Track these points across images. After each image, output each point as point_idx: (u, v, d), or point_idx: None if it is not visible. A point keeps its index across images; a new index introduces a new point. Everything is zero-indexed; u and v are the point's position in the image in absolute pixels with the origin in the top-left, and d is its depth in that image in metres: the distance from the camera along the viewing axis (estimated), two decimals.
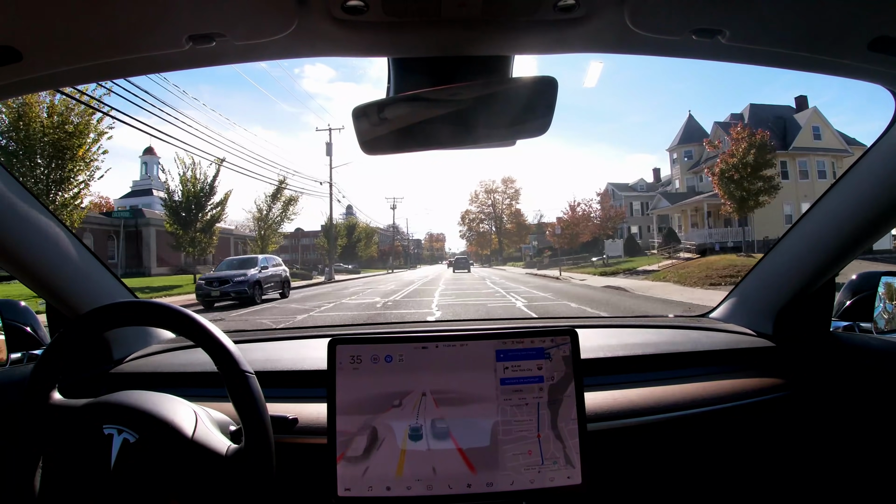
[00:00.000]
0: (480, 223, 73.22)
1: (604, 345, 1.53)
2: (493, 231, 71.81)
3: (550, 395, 1.11)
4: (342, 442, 1.07)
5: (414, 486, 1.07)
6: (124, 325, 1.08)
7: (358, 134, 0.99)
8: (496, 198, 71.41)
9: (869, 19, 0.82)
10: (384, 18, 0.82)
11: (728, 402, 1.36)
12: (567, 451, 1.09)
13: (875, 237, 1.34)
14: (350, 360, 1.10)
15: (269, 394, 1.04)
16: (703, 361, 1.53)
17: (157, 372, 1.47)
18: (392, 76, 1.01)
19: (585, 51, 0.99)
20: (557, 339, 1.13)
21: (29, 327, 1.55)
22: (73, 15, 0.78)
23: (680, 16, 0.83)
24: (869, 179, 1.25)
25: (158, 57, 0.91)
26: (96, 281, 1.51)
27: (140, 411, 0.99)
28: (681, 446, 1.37)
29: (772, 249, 1.64)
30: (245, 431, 0.98)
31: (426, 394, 1.10)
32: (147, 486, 0.93)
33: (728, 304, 1.82)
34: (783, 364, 1.51)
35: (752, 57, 0.97)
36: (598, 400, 1.31)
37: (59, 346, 1.02)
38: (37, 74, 0.92)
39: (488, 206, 71.54)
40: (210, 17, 0.81)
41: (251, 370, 1.01)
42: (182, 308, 1.05)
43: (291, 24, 0.82)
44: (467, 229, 74.43)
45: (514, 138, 1.09)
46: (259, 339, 1.77)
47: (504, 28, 0.87)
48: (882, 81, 1.04)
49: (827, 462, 1.44)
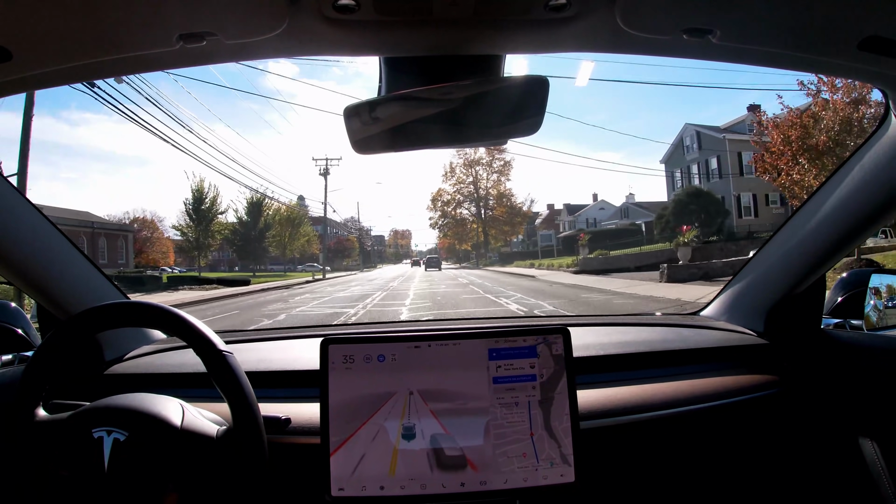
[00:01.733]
0: (458, 206, 55.38)
1: (596, 343, 1.53)
2: (474, 218, 54.76)
3: (543, 393, 1.11)
4: (335, 442, 1.07)
5: (408, 485, 1.07)
6: (115, 327, 1.08)
7: (349, 133, 0.98)
8: (479, 172, 53.36)
9: (859, 19, 0.83)
10: (376, 17, 0.82)
11: (720, 400, 1.37)
12: (560, 449, 1.10)
13: (865, 235, 1.35)
14: (343, 359, 1.10)
15: (261, 394, 1.04)
16: (695, 359, 1.54)
17: (149, 373, 1.46)
18: (384, 75, 1.01)
19: (576, 50, 0.99)
20: (550, 338, 1.13)
21: (20, 329, 1.54)
22: (63, 14, 0.77)
23: (671, 15, 0.83)
24: (859, 177, 1.26)
25: (149, 56, 0.91)
26: (87, 282, 1.50)
27: (126, 410, 0.99)
28: (673, 443, 1.37)
29: (762, 247, 1.65)
30: (232, 411, 0.99)
31: (419, 393, 1.10)
32: (144, 480, 0.94)
33: (719, 302, 1.83)
34: (775, 361, 1.52)
35: (742, 56, 0.98)
36: (590, 398, 1.32)
37: (50, 349, 1.01)
38: (26, 74, 0.91)
39: (468, 184, 54.07)
40: (201, 17, 0.80)
41: (230, 351, 1.01)
42: (170, 307, 1.05)
43: (282, 23, 0.81)
44: (440, 215, 56.15)
45: (505, 137, 1.09)
46: (251, 339, 1.76)
47: (495, 27, 0.88)
48: (872, 81, 1.05)
49: (818, 458, 1.45)
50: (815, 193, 1.40)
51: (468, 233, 56.77)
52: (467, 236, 57.55)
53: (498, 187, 54.12)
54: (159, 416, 0.99)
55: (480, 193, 53.89)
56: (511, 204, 53.52)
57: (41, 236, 1.35)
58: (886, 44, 0.85)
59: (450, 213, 55.83)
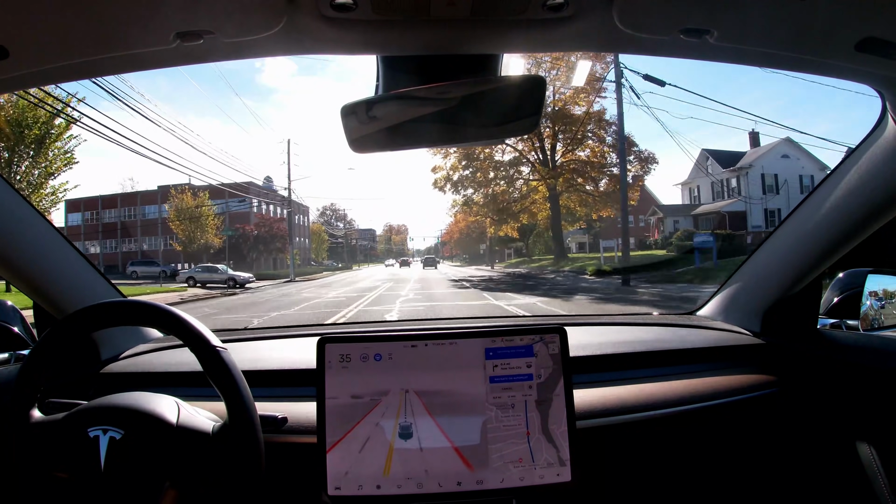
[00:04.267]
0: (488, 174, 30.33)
1: (593, 342, 1.53)
2: (538, 173, 29.24)
3: (540, 392, 1.11)
4: (332, 441, 1.07)
5: (404, 484, 1.07)
6: (111, 325, 1.07)
7: (346, 132, 0.98)
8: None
9: (856, 20, 0.83)
10: (373, 16, 0.82)
11: (716, 399, 1.38)
12: (557, 448, 1.10)
13: (861, 236, 1.35)
14: (339, 358, 1.10)
15: (257, 393, 1.04)
16: (691, 359, 1.54)
17: (145, 372, 1.46)
18: (381, 74, 1.01)
19: (574, 49, 0.99)
20: (546, 337, 1.13)
21: (16, 327, 1.54)
22: (61, 11, 0.77)
23: (668, 15, 0.83)
24: (855, 178, 1.26)
25: (146, 54, 0.91)
26: (83, 280, 1.49)
27: (122, 408, 0.99)
28: (670, 443, 1.38)
29: (759, 248, 1.65)
30: (227, 407, 0.99)
31: (416, 392, 1.10)
32: (141, 478, 0.94)
33: (716, 302, 1.83)
34: (771, 361, 1.53)
35: (740, 57, 0.98)
36: (587, 397, 1.32)
37: (46, 348, 1.01)
38: (23, 72, 0.91)
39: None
40: (199, 15, 0.80)
41: (224, 347, 1.01)
42: (166, 305, 1.04)
43: (280, 22, 0.81)
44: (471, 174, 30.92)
45: (502, 136, 1.09)
46: (247, 338, 1.76)
47: (493, 27, 0.87)
48: (869, 82, 1.05)
49: (814, 458, 1.46)
50: (812, 194, 1.40)
51: (520, 205, 30.66)
52: (512, 210, 30.92)
53: (578, 98, 27.70)
54: (155, 413, 0.99)
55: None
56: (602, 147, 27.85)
57: (37, 234, 1.35)
58: (883, 45, 0.85)
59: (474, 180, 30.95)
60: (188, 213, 32.55)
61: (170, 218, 33.50)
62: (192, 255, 32.87)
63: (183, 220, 32.53)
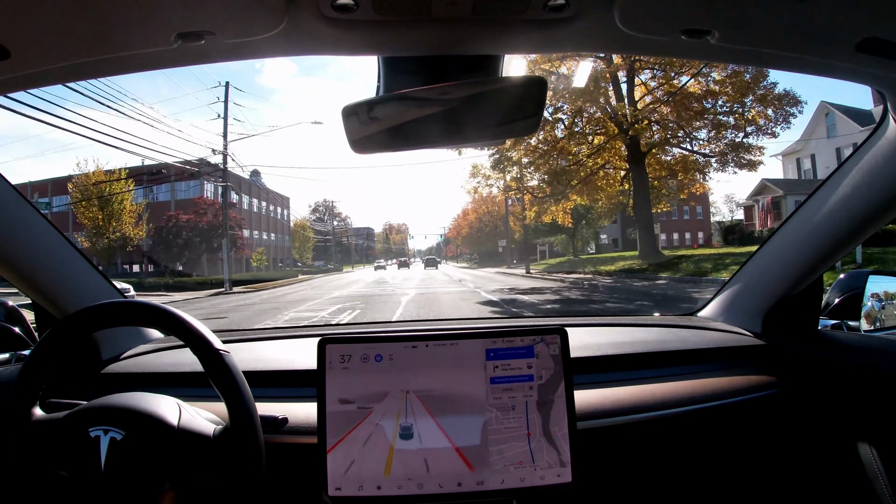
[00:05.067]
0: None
1: (593, 343, 1.53)
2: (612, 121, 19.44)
3: (540, 393, 1.11)
4: (332, 441, 1.07)
5: (405, 484, 1.07)
6: (112, 326, 1.07)
7: (348, 133, 0.98)
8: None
9: (857, 20, 0.83)
10: (374, 17, 0.82)
11: (717, 400, 1.37)
12: (557, 449, 1.10)
13: (862, 237, 1.35)
14: (340, 359, 1.10)
15: (258, 394, 1.04)
16: (692, 360, 1.54)
17: (146, 372, 1.46)
18: (382, 75, 1.01)
19: (575, 50, 0.99)
20: (547, 338, 1.13)
21: (17, 328, 1.54)
22: (61, 12, 0.77)
23: (669, 16, 0.83)
24: (857, 178, 1.26)
25: (147, 55, 0.91)
26: (85, 281, 1.49)
27: (123, 409, 0.99)
28: (671, 444, 1.37)
29: (760, 248, 1.65)
30: (228, 409, 0.99)
31: (416, 393, 1.10)
32: (141, 479, 0.94)
33: (716, 303, 1.83)
34: (772, 362, 1.53)
35: (741, 57, 0.98)
36: (588, 398, 1.32)
37: (47, 348, 1.01)
38: (24, 72, 0.91)
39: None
40: (199, 16, 0.80)
41: (227, 350, 1.01)
42: (167, 306, 1.04)
43: (281, 23, 0.81)
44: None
45: (503, 137, 1.10)
46: (248, 339, 1.76)
47: (494, 27, 0.87)
48: (870, 82, 1.05)
49: (815, 459, 1.46)
50: (813, 195, 1.40)
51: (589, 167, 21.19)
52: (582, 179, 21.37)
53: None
54: (156, 415, 0.99)
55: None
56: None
57: (38, 234, 1.35)
58: (885, 45, 0.85)
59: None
60: (94, 193, 24.49)
61: (72, 201, 25.56)
62: (102, 252, 24.97)
63: (89, 206, 24.62)
